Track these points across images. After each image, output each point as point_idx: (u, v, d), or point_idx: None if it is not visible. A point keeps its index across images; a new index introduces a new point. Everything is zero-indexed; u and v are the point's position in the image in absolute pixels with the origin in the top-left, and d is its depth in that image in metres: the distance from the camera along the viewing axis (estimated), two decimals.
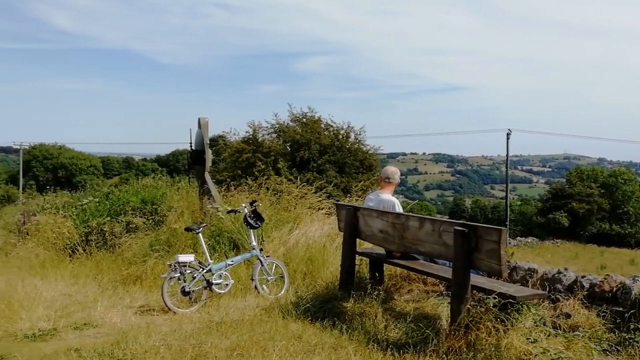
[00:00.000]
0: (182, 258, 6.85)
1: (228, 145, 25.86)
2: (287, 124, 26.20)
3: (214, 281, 6.93)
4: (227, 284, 7.07)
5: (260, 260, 7.40)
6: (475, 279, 5.12)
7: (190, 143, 10.61)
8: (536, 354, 4.35)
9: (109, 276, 8.82)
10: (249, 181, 11.73)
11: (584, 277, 5.61)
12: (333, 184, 18.25)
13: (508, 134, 48.34)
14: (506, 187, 51.64)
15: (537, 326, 4.79)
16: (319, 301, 6.03)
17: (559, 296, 5.51)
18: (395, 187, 6.76)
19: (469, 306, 4.68)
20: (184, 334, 5.25)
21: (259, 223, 7.69)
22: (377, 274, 6.49)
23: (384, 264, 6.55)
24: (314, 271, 7.81)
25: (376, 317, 5.48)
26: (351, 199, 11.60)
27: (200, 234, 7.30)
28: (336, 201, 9.82)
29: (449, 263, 5.47)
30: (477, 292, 4.87)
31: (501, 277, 4.88)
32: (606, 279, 5.43)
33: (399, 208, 6.38)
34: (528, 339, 4.53)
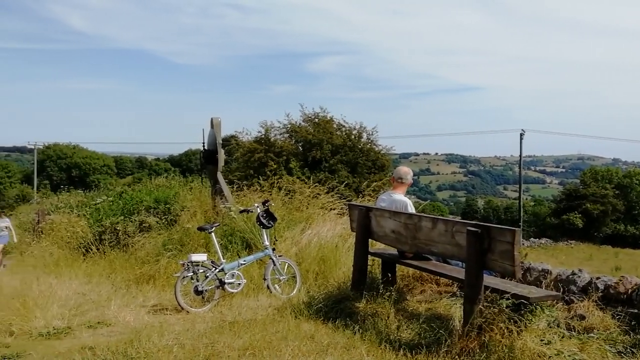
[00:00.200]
0: (195, 257, 6.87)
1: (240, 145, 25.96)
2: (299, 124, 26.25)
3: (226, 280, 6.96)
4: (239, 284, 7.09)
5: (272, 259, 7.41)
6: (489, 279, 5.09)
7: (203, 143, 10.66)
8: (550, 356, 4.32)
9: (122, 275, 8.88)
10: (261, 181, 11.76)
11: (598, 278, 5.56)
12: (345, 184, 18.24)
13: (521, 134, 48.16)
14: (519, 187, 51.42)
15: (551, 328, 4.76)
16: (331, 301, 6.03)
17: (573, 297, 5.46)
18: (407, 188, 6.72)
19: (482, 307, 4.66)
20: (196, 333, 5.28)
21: (271, 223, 7.70)
22: (390, 275, 6.46)
23: (397, 264, 6.53)
24: (326, 271, 7.82)
25: (389, 317, 5.47)
26: (363, 199, 11.59)
27: (212, 234, 7.32)
28: (348, 201, 9.82)
29: (461, 264, 5.44)
30: (490, 293, 4.85)
31: (515, 278, 4.85)
32: (621, 280, 5.37)
33: (411, 208, 6.35)
34: (542, 340, 4.50)
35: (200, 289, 6.76)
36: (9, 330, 5.69)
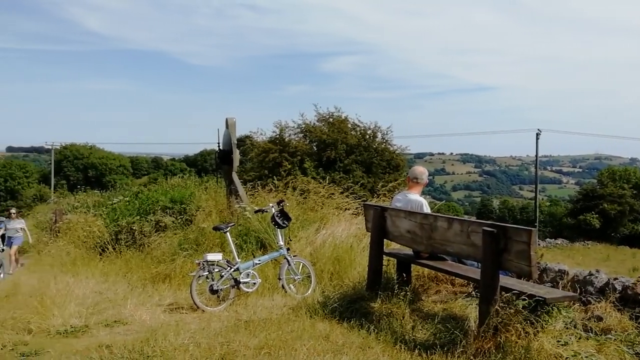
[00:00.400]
0: (211, 257, 6.91)
1: (255, 145, 25.95)
2: (314, 123, 26.19)
3: (241, 280, 6.98)
4: (254, 283, 7.11)
5: (287, 259, 7.43)
6: (505, 280, 5.06)
7: (218, 143, 10.71)
8: (567, 357, 4.28)
9: (138, 274, 8.95)
10: (276, 181, 11.78)
11: (616, 279, 5.50)
12: (360, 184, 18.20)
13: (538, 134, 47.71)
14: (535, 187, 51.00)
15: (568, 329, 4.72)
16: (346, 301, 6.03)
17: (590, 298, 5.41)
18: (423, 188, 6.70)
19: (498, 308, 4.63)
20: (212, 332, 5.31)
21: (286, 223, 7.72)
22: (405, 275, 6.45)
23: (412, 264, 6.51)
24: (340, 271, 7.81)
25: (404, 317, 5.46)
26: (378, 199, 11.56)
27: (228, 233, 7.36)
28: (363, 201, 9.80)
29: (477, 264, 5.41)
30: (506, 294, 4.82)
31: (531, 279, 4.82)
32: (639, 281, 5.32)
33: (427, 208, 6.32)
34: (559, 341, 4.47)
35: (215, 288, 6.80)
36: (28, 328, 5.77)
